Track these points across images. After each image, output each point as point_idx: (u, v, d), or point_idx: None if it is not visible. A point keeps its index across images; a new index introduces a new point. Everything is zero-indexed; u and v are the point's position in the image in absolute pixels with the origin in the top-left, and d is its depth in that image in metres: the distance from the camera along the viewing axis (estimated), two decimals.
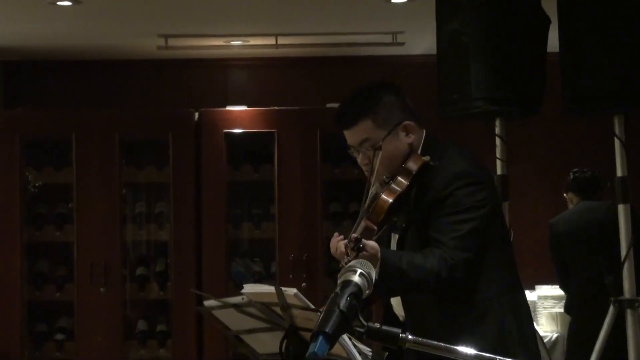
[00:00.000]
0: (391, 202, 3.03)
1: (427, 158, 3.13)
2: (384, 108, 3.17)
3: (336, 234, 3.03)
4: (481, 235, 3.10)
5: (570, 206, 6.26)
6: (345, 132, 3.21)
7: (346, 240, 2.91)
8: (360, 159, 3.19)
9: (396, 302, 3.23)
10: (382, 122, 3.15)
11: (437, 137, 3.28)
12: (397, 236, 3.19)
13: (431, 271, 2.97)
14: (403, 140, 3.16)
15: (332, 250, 3.01)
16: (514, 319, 3.17)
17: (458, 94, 4.55)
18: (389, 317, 3.24)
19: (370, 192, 3.08)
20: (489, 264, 3.13)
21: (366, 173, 3.20)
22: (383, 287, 2.90)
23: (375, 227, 3.02)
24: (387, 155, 3.12)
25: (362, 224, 2.99)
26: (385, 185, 3.11)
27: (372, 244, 2.92)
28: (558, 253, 6.16)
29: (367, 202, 3.06)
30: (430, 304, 3.14)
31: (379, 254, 2.91)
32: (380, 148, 3.12)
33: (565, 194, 6.31)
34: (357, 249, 2.86)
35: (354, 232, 2.94)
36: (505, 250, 3.26)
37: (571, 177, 6.24)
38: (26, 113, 7.24)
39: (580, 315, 6.06)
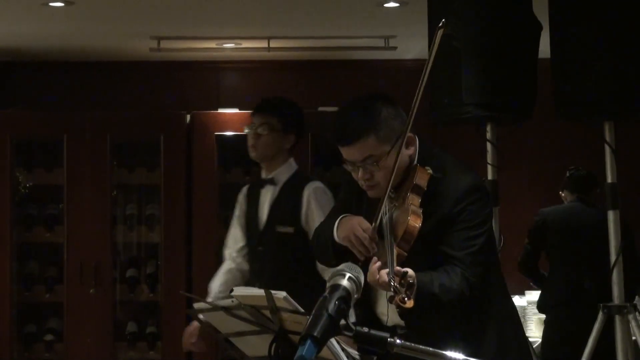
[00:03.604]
0: (420, 227, 2.99)
1: (430, 170, 3.13)
2: (385, 122, 3.13)
3: (374, 259, 2.95)
4: (488, 248, 3.14)
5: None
6: (345, 148, 3.15)
7: (387, 270, 2.84)
8: (360, 174, 3.14)
9: (381, 306, 3.23)
10: (384, 138, 3.12)
11: (428, 143, 3.28)
12: None
13: (457, 292, 3.01)
14: (404, 152, 3.13)
15: (372, 278, 2.92)
16: (511, 324, 3.22)
17: (449, 99, 4.56)
18: (371, 320, 3.23)
19: (382, 210, 3.04)
20: (490, 273, 3.16)
21: (363, 187, 3.18)
22: (415, 313, 2.88)
23: (406, 254, 2.96)
24: (391, 170, 3.08)
25: (395, 252, 2.90)
26: (394, 202, 3.09)
27: (412, 272, 2.84)
28: (538, 244, 6.22)
29: (386, 224, 3.01)
30: (436, 314, 3.14)
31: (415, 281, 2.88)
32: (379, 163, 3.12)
33: (560, 192, 6.38)
34: (407, 285, 2.78)
35: (393, 263, 2.84)
36: (497, 257, 3.31)
37: (567, 174, 6.32)
38: (17, 113, 7.24)
39: (554, 316, 6.10)
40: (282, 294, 2.57)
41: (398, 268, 2.83)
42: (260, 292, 2.60)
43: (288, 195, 4.69)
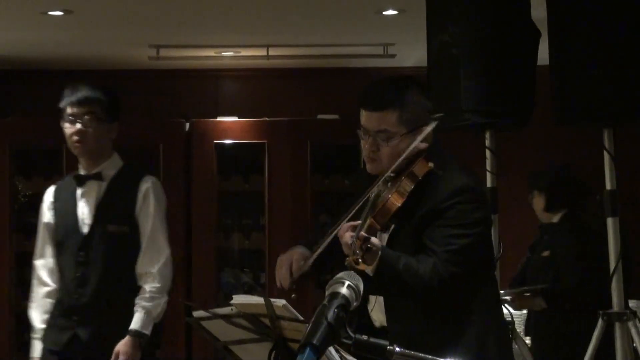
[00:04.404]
0: (399, 206, 3.07)
1: (431, 165, 3.16)
2: (412, 107, 3.18)
3: (351, 223, 3.02)
4: (473, 252, 3.12)
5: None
6: (367, 113, 3.20)
7: (353, 234, 2.92)
8: (369, 144, 3.19)
9: (375, 308, 3.24)
10: (405, 120, 3.16)
11: (441, 145, 3.30)
12: (385, 236, 3.19)
13: (422, 278, 3.01)
14: (420, 145, 3.17)
15: (341, 232, 3.00)
16: (495, 332, 3.21)
17: (448, 106, 4.56)
18: (363, 323, 3.24)
19: (376, 186, 3.11)
20: (476, 280, 3.16)
21: (365, 158, 3.22)
22: (375, 283, 2.94)
23: (379, 227, 3.05)
24: (398, 154, 3.13)
25: (368, 222, 3.00)
26: (387, 183, 3.13)
27: (376, 241, 2.95)
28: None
29: (372, 198, 3.06)
30: (415, 314, 3.15)
31: (380, 252, 2.94)
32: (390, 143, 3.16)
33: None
34: (365, 249, 2.89)
35: (361, 229, 2.94)
36: (490, 266, 3.31)
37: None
38: (16, 122, 7.24)
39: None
40: (281, 301, 2.57)
41: (363, 233, 2.91)
42: (260, 300, 2.60)
43: (120, 190, 4.21)
